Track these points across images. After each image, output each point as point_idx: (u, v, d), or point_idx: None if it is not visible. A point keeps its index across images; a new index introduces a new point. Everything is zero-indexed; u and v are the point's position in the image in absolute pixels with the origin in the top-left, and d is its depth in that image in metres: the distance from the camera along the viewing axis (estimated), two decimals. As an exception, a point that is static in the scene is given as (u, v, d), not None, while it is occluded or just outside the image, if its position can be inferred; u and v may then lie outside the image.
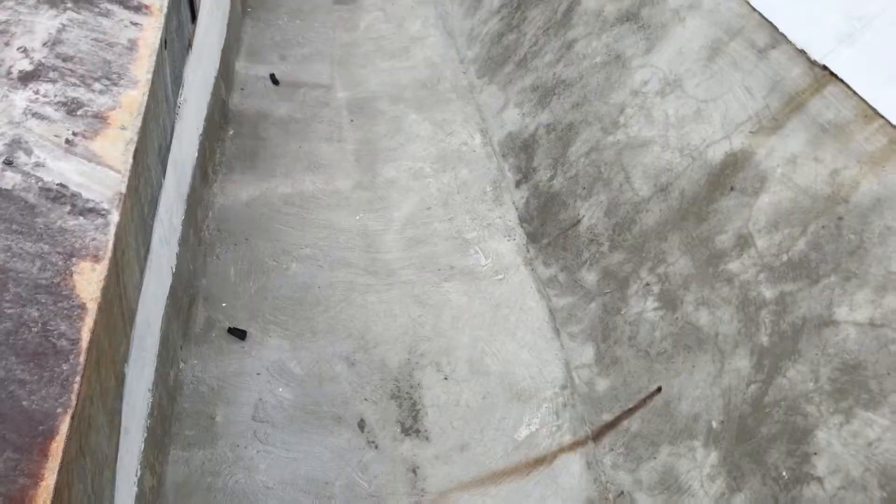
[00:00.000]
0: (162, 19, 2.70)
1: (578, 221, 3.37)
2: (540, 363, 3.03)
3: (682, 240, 2.88)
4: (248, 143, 4.29)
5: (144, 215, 2.38)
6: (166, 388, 2.72)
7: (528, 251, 3.55)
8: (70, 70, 2.35)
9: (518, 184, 3.89)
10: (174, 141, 3.04)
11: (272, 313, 3.23)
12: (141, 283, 2.33)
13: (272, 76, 4.89)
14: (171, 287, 2.89)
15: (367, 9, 5.87)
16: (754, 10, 3.13)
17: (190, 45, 3.41)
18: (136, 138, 2.22)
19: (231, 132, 4.36)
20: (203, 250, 3.48)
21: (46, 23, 2.51)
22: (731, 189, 2.80)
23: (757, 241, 2.61)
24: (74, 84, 2.31)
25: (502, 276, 3.43)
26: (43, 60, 2.35)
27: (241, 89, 4.75)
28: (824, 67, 2.74)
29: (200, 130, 3.67)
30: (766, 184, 2.70)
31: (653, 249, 2.97)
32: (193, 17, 3.38)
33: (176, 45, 3.01)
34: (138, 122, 2.27)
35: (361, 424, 2.80)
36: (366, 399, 2.90)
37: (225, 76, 4.49)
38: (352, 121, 4.57)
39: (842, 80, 2.67)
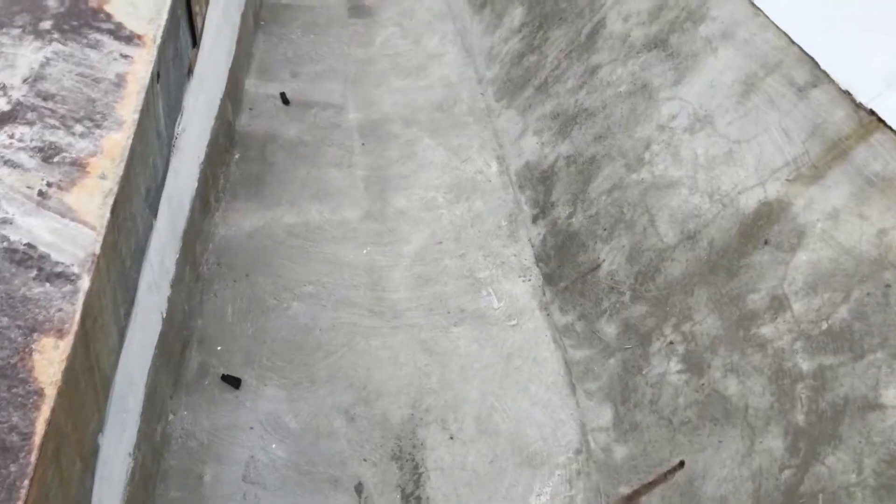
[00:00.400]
0: (154, 51, 2.53)
1: (598, 266, 3.15)
2: (553, 423, 2.82)
3: (710, 296, 2.65)
4: (254, 168, 4.11)
5: (126, 269, 2.20)
6: (152, 447, 2.55)
7: (543, 294, 3.34)
8: (50, 110, 2.18)
9: (535, 219, 3.68)
10: (169, 175, 2.86)
11: (270, 358, 3.04)
12: (120, 344, 2.15)
13: (283, 95, 4.71)
14: (161, 334, 2.72)
15: (384, 23, 5.69)
16: (793, 43, 2.89)
17: (191, 71, 3.24)
18: (116, 189, 2.04)
19: (237, 156, 4.18)
20: (200, 287, 3.31)
21: (30, 56, 2.34)
22: (765, 243, 2.58)
23: (793, 305, 2.38)
24: (54, 126, 2.13)
25: (516, 322, 3.23)
26: (21, 99, 2.18)
27: (250, 109, 4.58)
28: (871, 112, 2.50)
29: (202, 159, 3.50)
30: (803, 240, 2.47)
31: (678, 304, 2.75)
32: (195, 42, 3.20)
33: (172, 74, 2.84)
34: (120, 170, 2.09)
35: (359, 489, 2.61)
36: (365, 459, 2.70)
37: (232, 96, 4.32)
38: (363, 144, 4.39)
39: (891, 128, 2.43)
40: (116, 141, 2.16)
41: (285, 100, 4.70)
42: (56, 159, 2.05)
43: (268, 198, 3.92)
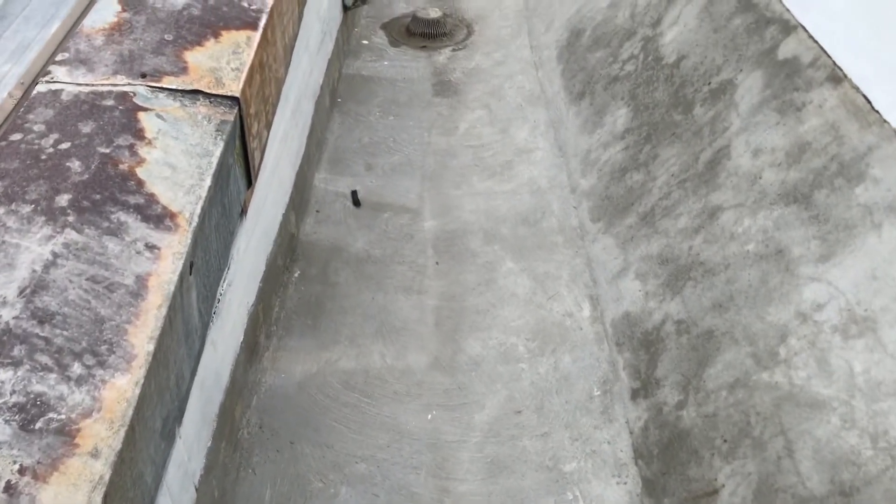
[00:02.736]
0: (189, 237, 2.07)
1: (715, 491, 2.54)
2: None
3: None
4: (314, 291, 3.65)
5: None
6: None
7: (641, 508, 2.75)
8: (45, 340, 1.73)
9: (635, 395, 3.09)
10: (205, 353, 2.41)
11: (308, 572, 2.55)
12: None
13: (354, 194, 4.26)
14: (179, 557, 2.26)
15: (470, 105, 5.18)
16: None
17: (244, 212, 2.80)
18: (108, 475, 1.57)
19: (297, 273, 3.74)
20: (237, 461, 2.85)
21: (36, 249, 1.91)
22: (959, 541, 1.93)
23: None
24: (45, 367, 1.68)
25: (606, 547, 2.65)
26: (12, 323, 1.74)
27: (317, 212, 4.14)
28: None
29: (252, 301, 3.05)
30: None
31: (826, 590, 2.12)
32: (250, 182, 2.76)
33: (215, 242, 2.38)
34: (118, 441, 1.62)
35: None
36: None
37: (297, 203, 3.89)
38: (437, 263, 3.88)
39: None
40: (121, 391, 1.69)
41: (356, 200, 4.24)
42: (39, 424, 1.59)
43: (325, 332, 3.45)
